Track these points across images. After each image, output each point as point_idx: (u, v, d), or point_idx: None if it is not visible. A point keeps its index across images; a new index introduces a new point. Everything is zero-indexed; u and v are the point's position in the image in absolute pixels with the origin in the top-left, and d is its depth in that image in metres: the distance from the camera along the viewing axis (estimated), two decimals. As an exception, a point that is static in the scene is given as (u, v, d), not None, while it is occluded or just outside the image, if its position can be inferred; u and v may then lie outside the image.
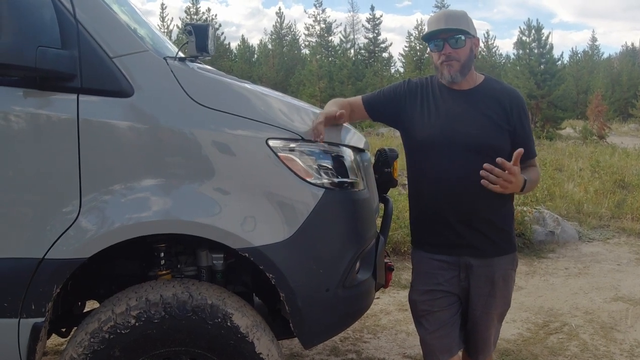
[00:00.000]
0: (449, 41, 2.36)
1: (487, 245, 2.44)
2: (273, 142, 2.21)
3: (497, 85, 2.52)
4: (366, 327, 4.16)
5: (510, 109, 2.42)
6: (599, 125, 21.97)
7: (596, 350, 3.85)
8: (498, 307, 2.52)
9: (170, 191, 2.12)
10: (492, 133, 2.38)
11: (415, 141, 2.50)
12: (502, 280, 2.48)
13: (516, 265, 2.58)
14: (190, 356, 2.16)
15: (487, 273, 2.45)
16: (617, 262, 6.07)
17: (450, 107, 2.45)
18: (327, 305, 2.32)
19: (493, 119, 2.40)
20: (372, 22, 41.52)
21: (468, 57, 2.40)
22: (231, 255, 2.40)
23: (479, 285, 2.47)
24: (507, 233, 2.50)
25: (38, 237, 2.06)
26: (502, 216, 2.47)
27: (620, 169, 11.32)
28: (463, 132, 2.38)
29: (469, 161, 2.34)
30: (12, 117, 2.06)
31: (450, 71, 2.39)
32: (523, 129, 2.44)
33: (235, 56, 49.46)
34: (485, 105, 2.43)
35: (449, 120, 2.42)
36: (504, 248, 2.49)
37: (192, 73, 2.23)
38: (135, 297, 2.12)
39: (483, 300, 2.48)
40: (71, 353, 2.09)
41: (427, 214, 2.51)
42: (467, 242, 2.43)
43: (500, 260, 2.47)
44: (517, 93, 2.52)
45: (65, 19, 2.04)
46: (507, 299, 2.56)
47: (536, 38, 27.90)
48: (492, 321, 2.53)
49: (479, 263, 2.45)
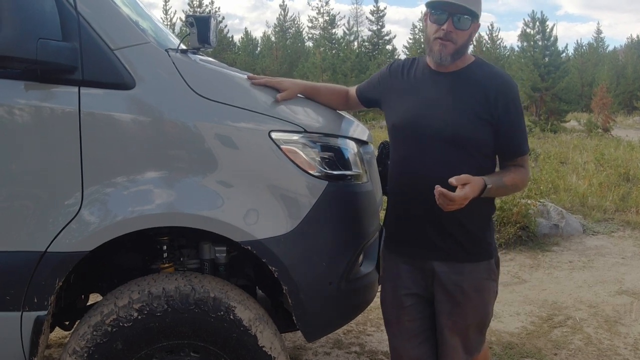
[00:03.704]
0: (454, 17, 2.11)
1: (456, 249, 2.21)
2: (276, 135, 2.19)
3: (486, 69, 2.22)
4: (369, 320, 4.16)
5: (494, 98, 2.13)
6: (604, 118, 21.84)
7: (600, 344, 3.84)
8: (467, 319, 2.26)
9: (173, 184, 2.12)
10: (468, 123, 2.12)
11: (390, 127, 2.32)
12: (475, 290, 2.24)
13: (494, 275, 2.30)
14: (193, 349, 2.16)
15: (456, 281, 2.22)
16: (621, 256, 6.04)
17: (428, 91, 2.21)
18: (330, 298, 2.31)
19: (472, 107, 2.13)
20: (375, 14, 41.34)
21: (466, 42, 2.17)
22: (234, 248, 2.39)
23: (445, 292, 2.24)
24: (481, 238, 2.25)
25: (40, 230, 2.06)
26: (476, 219, 2.21)
27: (625, 162, 11.27)
28: (437, 120, 2.15)
29: (442, 153, 2.13)
30: (13, 110, 2.05)
31: (442, 52, 2.14)
32: (509, 122, 2.15)
33: (238, 49, 49.38)
34: (466, 91, 2.16)
35: (424, 106, 2.19)
36: (475, 254, 2.24)
37: (194, 65, 2.22)
38: (137, 290, 2.12)
39: (448, 308, 2.25)
40: (74, 346, 2.09)
41: (396, 210, 2.34)
42: (435, 245, 2.22)
43: (472, 268, 2.23)
44: (507, 80, 2.20)
45: (66, 10, 2.03)
46: (482, 311, 2.29)
47: (540, 30, 27.72)
48: (458, 331, 2.27)
49: (446, 269, 2.22)
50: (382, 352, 3.65)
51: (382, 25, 41.38)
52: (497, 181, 2.10)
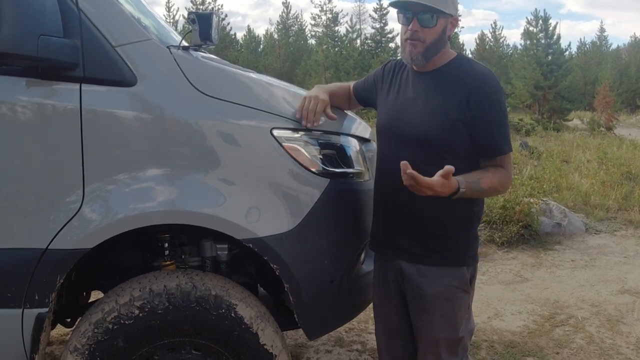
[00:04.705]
0: (419, 16, 2.04)
1: (422, 251, 2.15)
2: (278, 132, 2.19)
3: (465, 66, 2.13)
4: (371, 318, 4.14)
5: (467, 95, 2.03)
6: (607, 116, 21.81)
7: (602, 343, 3.83)
8: (435, 330, 2.17)
9: (174, 181, 2.11)
10: (438, 124, 2.05)
11: (376, 125, 2.31)
12: (443, 299, 2.14)
13: (466, 286, 2.17)
14: (194, 347, 2.16)
15: (420, 284, 2.16)
16: (623, 255, 6.03)
17: (407, 92, 2.18)
18: (331, 296, 2.31)
19: (443, 107, 2.06)
20: (379, 11, 41.20)
21: (437, 39, 2.07)
22: (235, 246, 2.39)
23: (412, 296, 2.21)
24: (453, 243, 2.15)
25: (41, 227, 2.05)
26: (448, 222, 2.12)
27: (628, 161, 11.25)
28: (410, 121, 2.11)
29: (415, 154, 2.05)
30: (15, 107, 2.05)
31: (412, 52, 2.08)
32: (485, 120, 2.03)
33: (241, 46, 49.29)
34: (441, 90, 2.09)
35: (402, 107, 2.17)
36: (445, 259, 2.14)
37: (195, 62, 2.21)
38: (139, 288, 2.12)
39: (419, 316, 2.20)
40: (75, 343, 2.09)
41: (375, 210, 2.33)
42: (404, 245, 2.19)
43: (438, 272, 2.14)
44: (484, 75, 2.08)
45: (67, 7, 2.02)
46: (451, 325, 2.17)
47: (543, 28, 27.69)
48: (432, 346, 2.19)
49: (412, 270, 2.17)
50: (383, 350, 3.65)
51: (385, 23, 41.26)
52: (473, 184, 1.99)
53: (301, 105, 2.25)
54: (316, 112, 2.21)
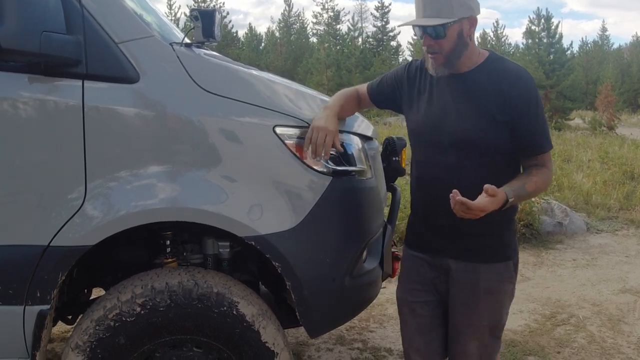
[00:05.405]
0: (427, 32, 2.05)
1: (473, 249, 2.18)
2: (280, 130, 2.18)
3: (499, 65, 2.12)
4: (372, 317, 4.15)
5: (508, 96, 2.03)
6: (608, 116, 21.75)
7: (603, 342, 3.83)
8: (483, 319, 2.21)
9: (177, 178, 2.11)
10: (483, 126, 2.06)
11: (409, 130, 2.29)
12: (489, 292, 2.19)
13: (509, 277, 2.23)
14: (196, 344, 2.16)
15: (470, 279, 2.19)
16: (625, 254, 6.02)
17: (441, 95, 2.16)
18: (333, 294, 2.30)
19: (486, 108, 2.06)
20: (380, 10, 41.15)
21: (453, 46, 2.06)
22: (237, 244, 2.38)
23: (459, 291, 2.21)
24: (500, 239, 2.20)
25: (43, 224, 2.05)
26: (493, 222, 2.09)
27: (630, 160, 11.21)
28: (451, 126, 2.10)
29: (458, 158, 2.09)
30: (17, 103, 2.05)
31: (434, 65, 2.10)
32: (527, 120, 2.05)
33: (242, 44, 49.23)
34: (479, 92, 2.09)
35: (438, 111, 2.15)
36: (490, 256, 2.18)
37: (198, 59, 2.20)
38: (140, 285, 2.12)
39: (463, 309, 2.22)
40: (76, 340, 2.09)
41: (414, 209, 2.34)
42: (451, 243, 2.20)
43: (488, 268, 2.18)
44: (521, 74, 2.10)
45: (70, 3, 2.02)
46: (497, 313, 2.24)
47: (545, 27, 27.61)
48: (475, 334, 2.22)
49: (460, 267, 2.20)
50: (384, 348, 3.65)
51: (386, 21, 41.21)
52: (519, 191, 2.02)
53: (309, 137, 2.20)
54: (325, 145, 2.18)
